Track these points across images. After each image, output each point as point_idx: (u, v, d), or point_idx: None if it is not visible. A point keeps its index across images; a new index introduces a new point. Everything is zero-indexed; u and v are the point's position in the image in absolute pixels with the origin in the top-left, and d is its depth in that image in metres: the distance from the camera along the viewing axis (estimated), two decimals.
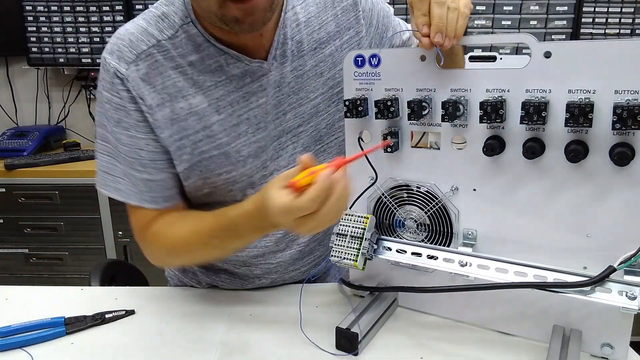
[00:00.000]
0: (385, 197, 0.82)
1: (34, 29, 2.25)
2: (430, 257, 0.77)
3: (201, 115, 0.80)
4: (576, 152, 0.64)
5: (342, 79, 0.81)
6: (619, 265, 0.63)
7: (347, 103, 0.77)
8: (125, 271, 1.30)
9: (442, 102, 0.71)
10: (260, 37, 0.81)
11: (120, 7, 2.21)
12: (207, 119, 0.80)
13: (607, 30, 2.09)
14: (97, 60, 2.26)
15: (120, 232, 2.08)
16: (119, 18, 2.22)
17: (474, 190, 0.74)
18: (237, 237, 0.78)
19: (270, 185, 0.67)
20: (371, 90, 0.78)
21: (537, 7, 2.08)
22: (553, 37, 2.11)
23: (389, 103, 0.74)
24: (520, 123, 0.66)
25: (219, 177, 0.84)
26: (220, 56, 0.80)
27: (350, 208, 0.84)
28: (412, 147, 0.78)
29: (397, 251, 0.79)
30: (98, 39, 2.25)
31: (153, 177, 0.83)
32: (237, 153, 0.83)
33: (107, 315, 0.84)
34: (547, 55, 0.65)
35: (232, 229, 0.76)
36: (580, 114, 0.61)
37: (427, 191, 0.78)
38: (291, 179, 0.65)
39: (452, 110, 0.70)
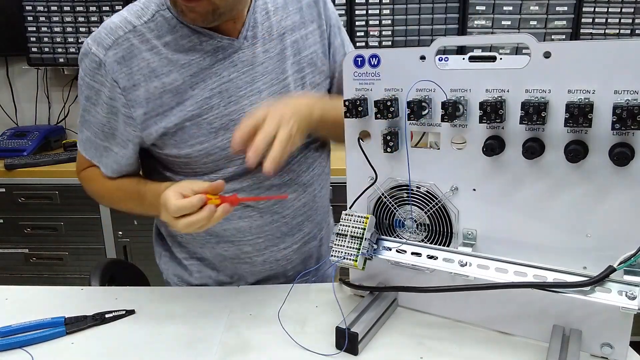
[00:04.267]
0: (385, 197, 0.82)
1: (34, 29, 2.25)
2: (430, 257, 0.77)
3: (175, 92, 0.86)
4: (576, 152, 0.64)
5: (306, 64, 0.94)
6: (618, 265, 0.63)
7: (347, 103, 0.77)
8: (126, 271, 1.30)
9: (442, 102, 0.71)
10: (234, 23, 0.88)
11: (120, 7, 2.21)
12: (181, 95, 0.87)
13: (607, 30, 2.09)
14: None
15: (120, 232, 2.08)
16: None
17: (474, 190, 0.74)
18: (143, 206, 0.92)
19: (173, 187, 0.79)
20: (371, 90, 0.78)
21: (537, 7, 2.08)
22: (553, 37, 2.11)
23: (388, 103, 0.74)
24: (520, 123, 0.66)
25: (192, 148, 0.90)
26: (193, 35, 0.86)
27: (350, 208, 0.84)
28: (412, 147, 0.78)
29: (397, 251, 0.80)
30: None
31: (112, 148, 0.92)
32: (209, 125, 0.88)
33: (107, 315, 0.84)
34: (547, 55, 0.65)
35: (141, 198, 0.91)
36: (579, 114, 0.61)
37: (427, 191, 0.78)
38: (187, 191, 0.77)
39: (452, 110, 0.70)
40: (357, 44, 2.16)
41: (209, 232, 0.97)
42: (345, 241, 0.80)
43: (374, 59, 0.77)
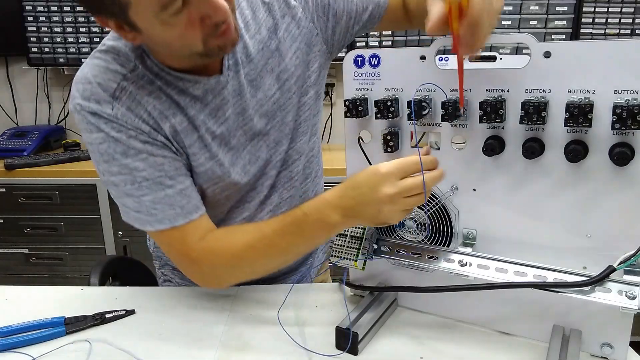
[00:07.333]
0: None
1: (34, 29, 2.25)
2: (430, 257, 0.77)
3: (185, 133, 0.81)
4: (576, 152, 0.64)
5: (294, 68, 0.87)
6: (618, 265, 0.63)
7: (347, 103, 0.77)
8: (127, 267, 1.29)
9: (442, 102, 0.71)
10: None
11: None
12: (190, 137, 0.82)
13: (607, 30, 2.09)
14: None
15: (120, 232, 2.08)
16: None
17: (474, 190, 0.74)
18: (302, 235, 0.75)
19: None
20: (371, 90, 0.78)
21: (537, 7, 2.08)
22: (553, 37, 2.11)
23: (388, 103, 0.74)
24: (520, 123, 0.66)
25: (215, 186, 0.86)
26: (178, 82, 0.80)
27: None
28: (412, 147, 0.78)
29: (397, 251, 0.80)
30: (98, 39, 2.25)
31: (184, 184, 0.81)
32: (221, 165, 0.85)
33: (107, 315, 0.84)
34: (547, 55, 0.65)
35: (298, 224, 0.74)
36: (579, 114, 0.61)
37: None
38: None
39: (452, 110, 0.70)
40: (357, 44, 2.16)
41: None
42: (345, 241, 0.80)
43: (374, 59, 0.77)
